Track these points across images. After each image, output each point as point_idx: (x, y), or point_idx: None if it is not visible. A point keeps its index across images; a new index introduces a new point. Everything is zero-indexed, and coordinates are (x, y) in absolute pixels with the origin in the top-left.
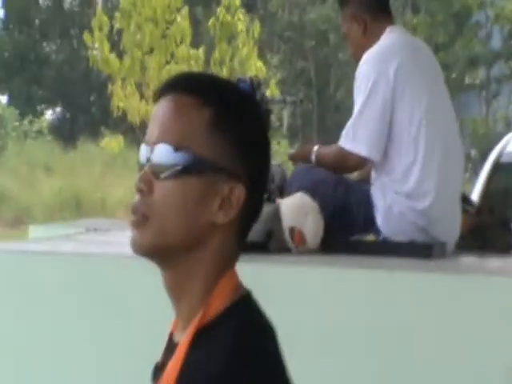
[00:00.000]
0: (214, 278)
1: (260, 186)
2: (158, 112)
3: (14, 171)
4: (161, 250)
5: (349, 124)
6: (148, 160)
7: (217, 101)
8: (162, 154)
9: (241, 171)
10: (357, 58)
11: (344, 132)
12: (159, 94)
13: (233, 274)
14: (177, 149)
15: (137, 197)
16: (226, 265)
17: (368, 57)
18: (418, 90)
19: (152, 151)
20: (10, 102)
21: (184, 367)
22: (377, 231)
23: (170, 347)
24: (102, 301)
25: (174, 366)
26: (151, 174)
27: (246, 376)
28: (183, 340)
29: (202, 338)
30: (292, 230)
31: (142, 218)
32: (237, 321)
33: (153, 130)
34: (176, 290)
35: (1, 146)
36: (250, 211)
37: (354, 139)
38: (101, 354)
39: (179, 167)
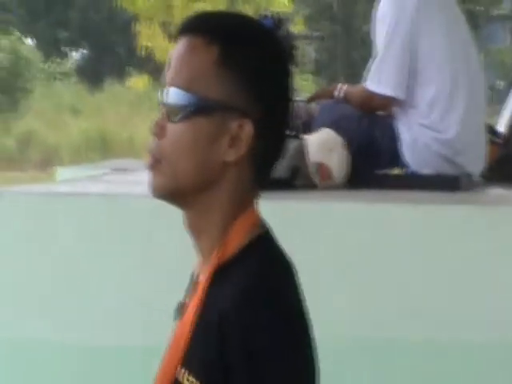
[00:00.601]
0: (230, 217)
1: (275, 120)
2: (173, 54)
3: (41, 113)
4: (174, 192)
5: (373, 66)
6: (164, 103)
7: (224, 38)
8: (174, 96)
9: (250, 107)
10: None
11: (369, 74)
12: (177, 36)
13: (252, 211)
14: (186, 91)
15: (151, 140)
16: (244, 203)
17: None
18: (440, 25)
19: (166, 94)
20: (36, 45)
21: (203, 306)
22: (403, 164)
23: (192, 286)
24: (131, 240)
25: (194, 304)
26: (165, 118)
27: (273, 299)
28: (202, 279)
29: (220, 276)
30: (318, 166)
31: (154, 162)
32: (252, 259)
33: (168, 73)
34: (195, 230)
35: (27, 88)
36: (265, 147)
37: (380, 81)
38: (128, 293)
39: (187, 109)
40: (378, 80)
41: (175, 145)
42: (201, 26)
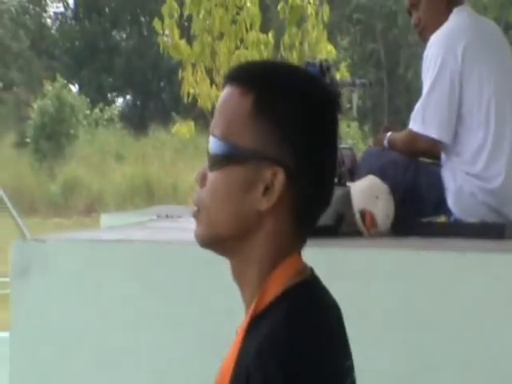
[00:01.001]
0: (270, 266)
1: (311, 169)
2: (217, 104)
3: (86, 159)
4: (214, 241)
5: (417, 106)
6: (207, 152)
7: (259, 87)
8: (212, 145)
9: (284, 155)
10: (425, 37)
11: (413, 115)
12: (223, 86)
13: (292, 260)
14: (221, 140)
15: (196, 189)
16: (284, 252)
17: (435, 39)
18: (486, 70)
19: (208, 143)
20: (81, 91)
21: (238, 357)
22: (448, 212)
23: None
24: (175, 288)
25: (230, 356)
26: (207, 167)
27: (295, 349)
28: (240, 329)
29: (254, 326)
30: (363, 213)
31: (196, 211)
32: (280, 309)
33: (211, 123)
34: (238, 279)
35: (73, 134)
36: (303, 195)
37: (424, 122)
38: (172, 342)
39: (222, 158)
40: (422, 121)
41: (211, 194)
42: (239, 76)
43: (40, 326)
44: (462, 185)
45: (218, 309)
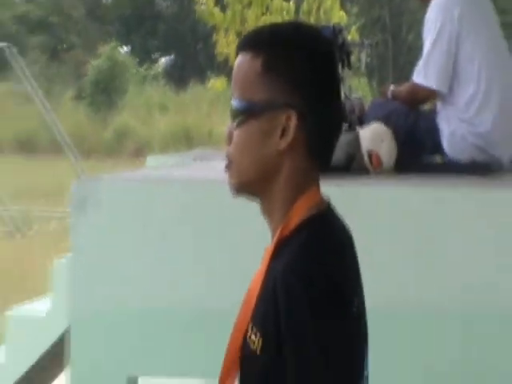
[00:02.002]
0: (291, 199)
1: (320, 108)
2: (233, 72)
3: (135, 110)
4: (244, 187)
5: (420, 63)
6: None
7: (266, 50)
8: (234, 106)
9: (294, 101)
10: (426, 1)
11: (416, 70)
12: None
13: (310, 193)
14: (240, 100)
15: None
16: (302, 186)
17: (435, 4)
18: (480, 32)
19: (230, 105)
20: (130, 52)
21: (265, 279)
22: (442, 153)
23: (263, 258)
24: (207, 221)
25: (259, 275)
26: (232, 125)
27: (314, 267)
28: (266, 255)
29: (281, 249)
30: (370, 154)
31: (228, 164)
32: (304, 233)
33: (231, 87)
34: (266, 214)
35: (123, 89)
36: (314, 133)
37: (425, 75)
38: (211, 271)
39: (242, 115)
40: (425, 74)
41: (237, 147)
42: (248, 43)
43: (96, 250)
44: (454, 129)
45: (249, 239)
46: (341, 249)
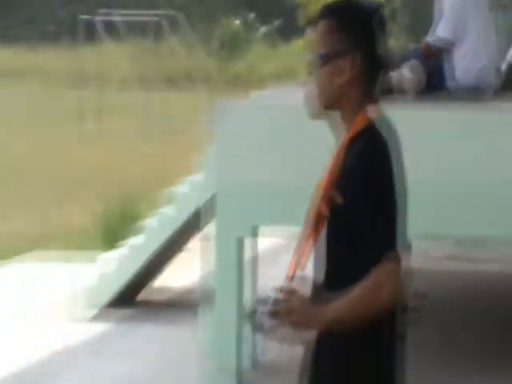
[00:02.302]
0: (353, 115)
1: (373, 53)
2: (316, 36)
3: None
4: (319, 113)
5: (440, 23)
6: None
7: (336, 15)
8: (312, 57)
9: (356, 49)
10: None
11: (438, 27)
12: (316, 21)
13: (364, 113)
14: (318, 51)
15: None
16: (360, 107)
17: None
18: (477, 5)
19: (308, 58)
20: (240, 21)
21: (344, 160)
22: (446, 87)
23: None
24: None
25: (336, 160)
26: (312, 70)
27: (378, 155)
28: (337, 149)
29: (349, 149)
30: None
31: (306, 99)
32: (367, 137)
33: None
34: (335, 127)
35: (240, 48)
36: (369, 71)
37: (445, 30)
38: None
39: (319, 62)
40: (443, 29)
41: (320, 81)
42: (324, 13)
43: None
44: (456, 66)
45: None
46: (394, 149)
